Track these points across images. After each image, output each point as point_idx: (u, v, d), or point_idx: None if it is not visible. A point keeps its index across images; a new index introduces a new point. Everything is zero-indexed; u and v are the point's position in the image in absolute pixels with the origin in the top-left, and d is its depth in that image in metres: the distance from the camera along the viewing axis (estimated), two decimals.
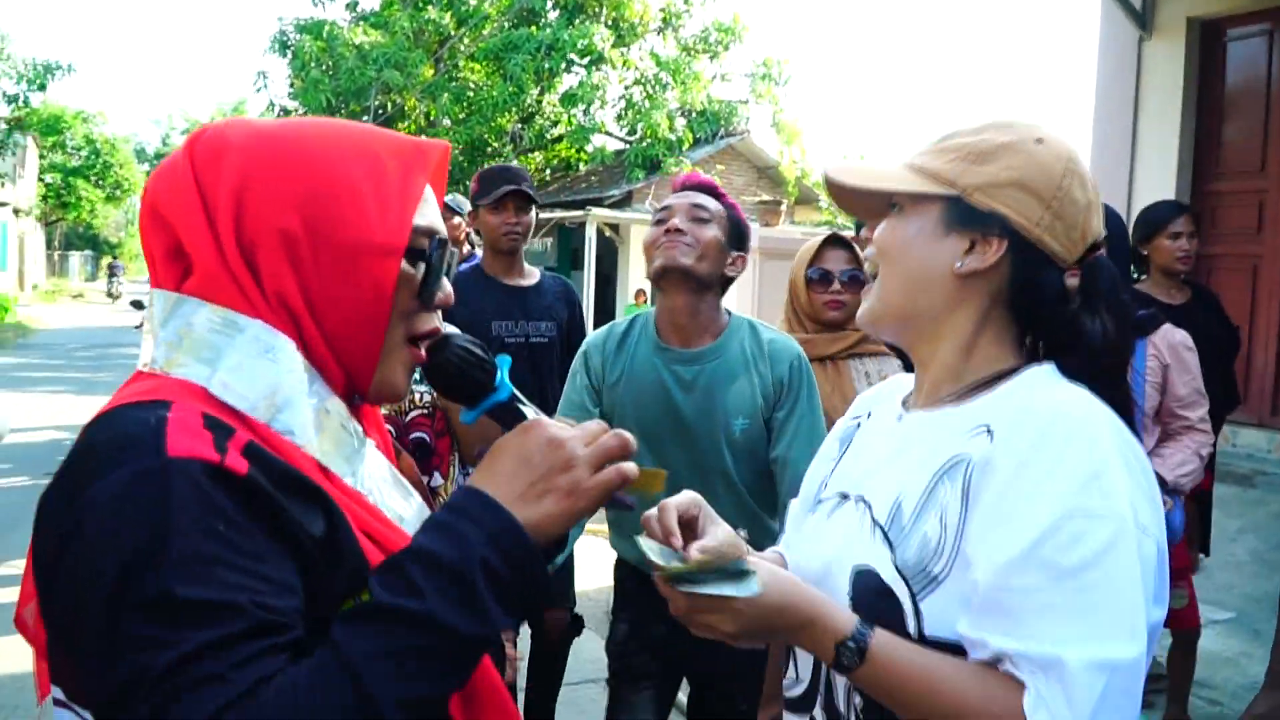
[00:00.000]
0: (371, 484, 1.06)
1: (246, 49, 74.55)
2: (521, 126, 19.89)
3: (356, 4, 21.39)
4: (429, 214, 1.06)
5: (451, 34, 19.15)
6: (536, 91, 18.70)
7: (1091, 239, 1.19)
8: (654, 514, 1.16)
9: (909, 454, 1.19)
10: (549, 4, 19.55)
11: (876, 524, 1.17)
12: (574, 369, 2.49)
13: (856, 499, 1.23)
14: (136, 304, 11.48)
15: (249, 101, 46.66)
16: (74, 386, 13.88)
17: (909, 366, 3.19)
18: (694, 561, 1.08)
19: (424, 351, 1.07)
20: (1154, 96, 6.30)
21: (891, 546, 1.13)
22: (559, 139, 20.61)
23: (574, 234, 19.21)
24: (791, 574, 1.15)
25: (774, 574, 1.09)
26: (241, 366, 0.95)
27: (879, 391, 1.43)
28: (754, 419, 2.33)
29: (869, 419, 1.37)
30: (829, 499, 1.30)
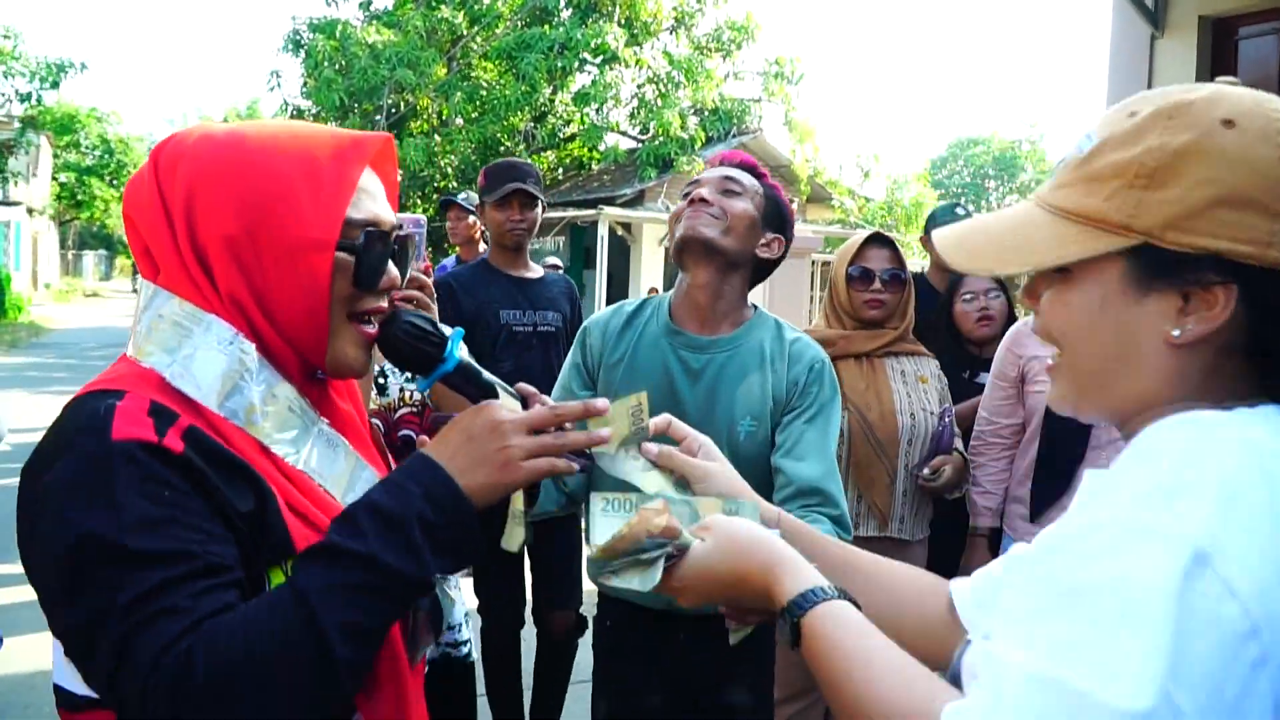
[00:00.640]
0: (318, 463, 1.16)
1: (260, 48, 74.89)
2: (534, 125, 19.92)
3: (370, 3, 21.47)
4: (367, 205, 1.16)
5: (464, 33, 19.19)
6: (549, 90, 18.74)
7: None
8: (654, 449, 1.24)
9: None
10: (562, 3, 19.57)
11: None
12: (572, 349, 2.32)
13: None
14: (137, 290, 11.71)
15: (262, 100, 46.88)
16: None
17: (945, 366, 3.25)
18: (599, 549, 1.09)
19: (375, 328, 1.19)
20: None
21: None
22: (571, 138, 20.64)
23: (586, 233, 19.24)
24: (763, 534, 1.10)
25: (729, 538, 1.08)
26: (196, 357, 1.07)
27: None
28: (762, 421, 2.09)
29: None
30: None
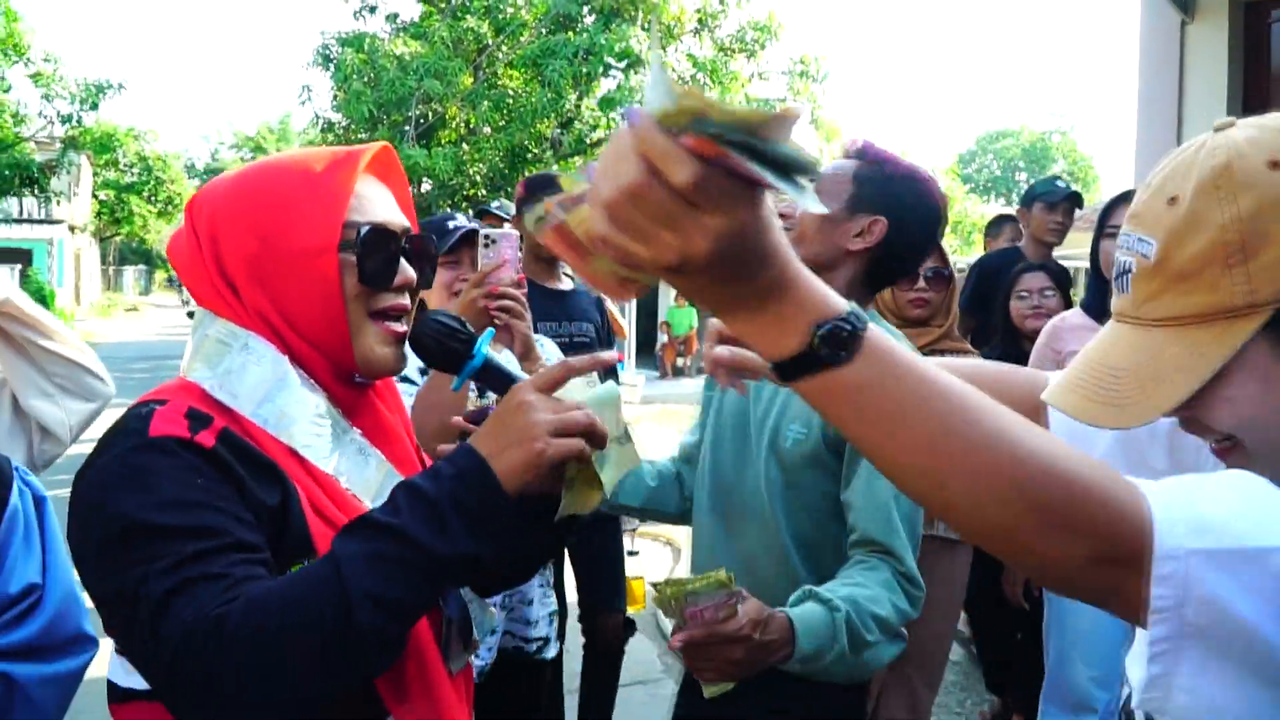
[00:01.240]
0: (347, 470, 1.21)
1: (291, 63, 75.70)
2: (561, 132, 19.97)
3: (396, 16, 21.62)
4: (368, 209, 1.23)
5: (490, 42, 19.29)
6: (575, 96, 18.78)
7: None
8: None
9: None
10: (585, 9, 19.62)
11: None
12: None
13: None
14: (190, 314, 12.06)
15: (294, 115, 47.38)
16: (132, 397, 14.11)
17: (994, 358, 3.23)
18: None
19: (404, 326, 1.25)
20: (1198, 81, 6.20)
21: None
22: (599, 143, 20.66)
23: None
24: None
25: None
26: (233, 370, 1.17)
27: None
28: (810, 431, 1.87)
29: None
30: None
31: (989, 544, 0.78)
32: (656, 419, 11.12)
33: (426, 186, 19.26)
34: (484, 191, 19.39)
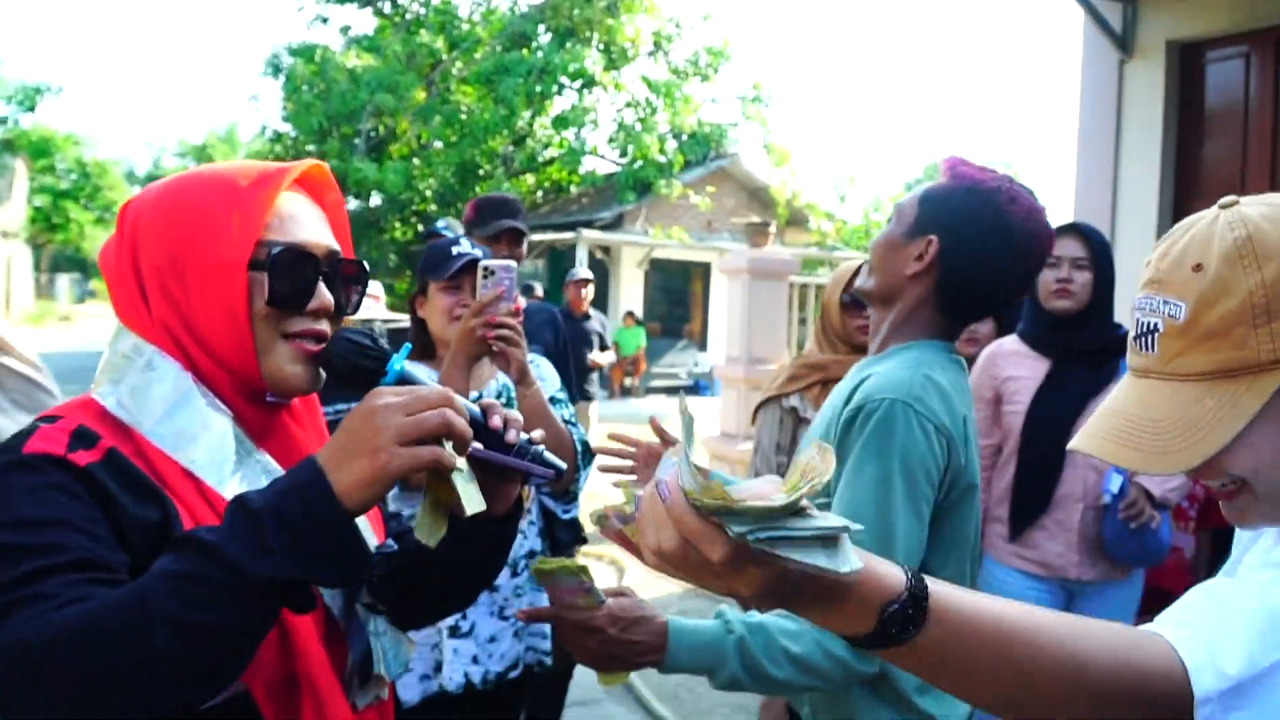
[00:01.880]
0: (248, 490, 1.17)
1: (240, 71, 74.76)
2: (513, 149, 19.99)
3: (349, 28, 21.52)
4: (290, 229, 1.19)
5: (443, 57, 19.28)
6: (528, 114, 18.84)
7: None
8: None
9: None
10: (540, 28, 19.69)
11: None
12: None
13: None
14: None
15: (241, 124, 46.81)
16: None
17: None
18: (780, 500, 0.75)
19: (316, 347, 1.20)
20: (1135, 117, 6.39)
21: None
22: (550, 161, 20.72)
23: (565, 256, 19.27)
24: None
25: None
26: (136, 387, 1.14)
27: None
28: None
29: None
30: None
31: None
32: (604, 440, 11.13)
33: (376, 201, 19.15)
34: (434, 207, 19.31)
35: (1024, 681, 0.87)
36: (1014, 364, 3.07)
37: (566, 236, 18.10)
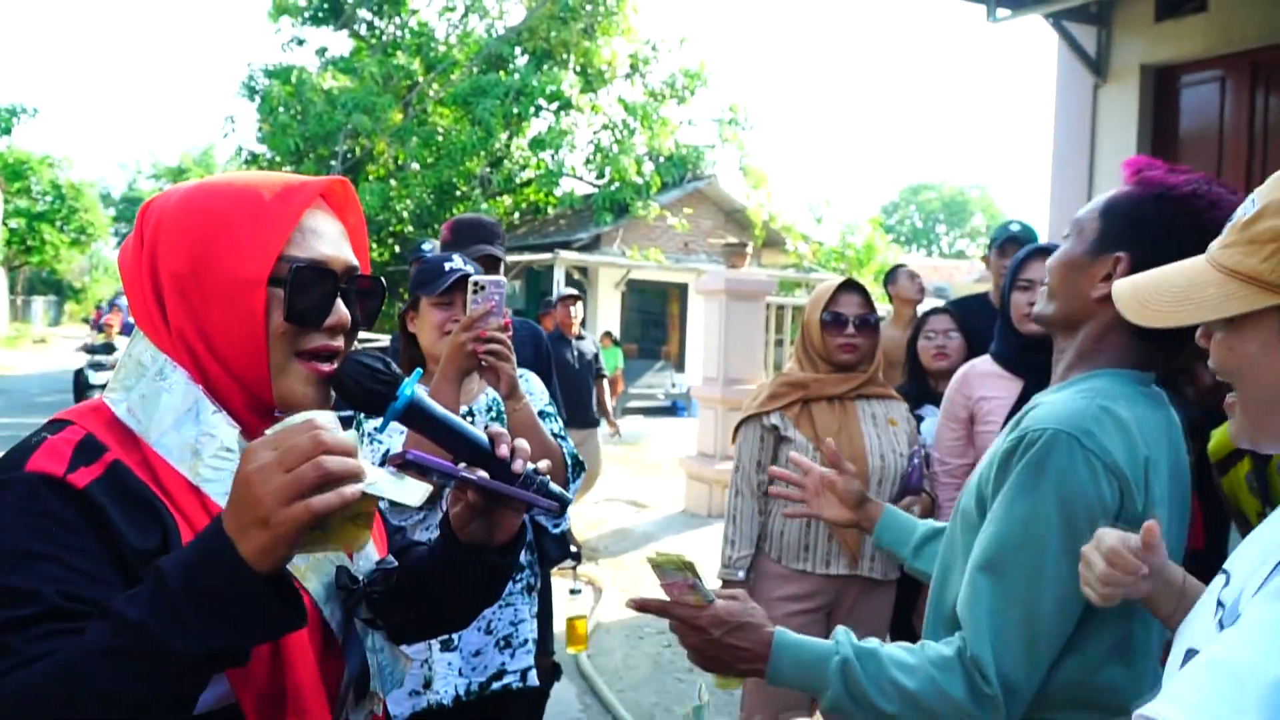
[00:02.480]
0: None
1: (216, 93, 74.61)
2: (490, 170, 19.99)
3: (325, 49, 21.53)
4: (311, 244, 1.18)
5: (420, 79, 19.29)
6: (505, 136, 18.86)
7: None
8: None
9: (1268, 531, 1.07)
10: (517, 50, 19.74)
11: (1220, 603, 1.03)
12: None
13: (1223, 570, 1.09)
14: (87, 348, 11.90)
15: (217, 146, 46.64)
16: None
17: (914, 407, 3.32)
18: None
19: (331, 366, 1.19)
20: (1110, 141, 6.45)
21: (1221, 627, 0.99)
22: (527, 183, 20.73)
23: (542, 277, 19.26)
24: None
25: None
26: (145, 395, 1.14)
27: None
28: (969, 498, 1.63)
29: None
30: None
31: None
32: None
33: (361, 220, 19.11)
34: (411, 228, 19.27)
35: None
36: (987, 384, 3.09)
37: (544, 258, 18.09)
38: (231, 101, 24.37)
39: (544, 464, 1.25)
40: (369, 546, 1.01)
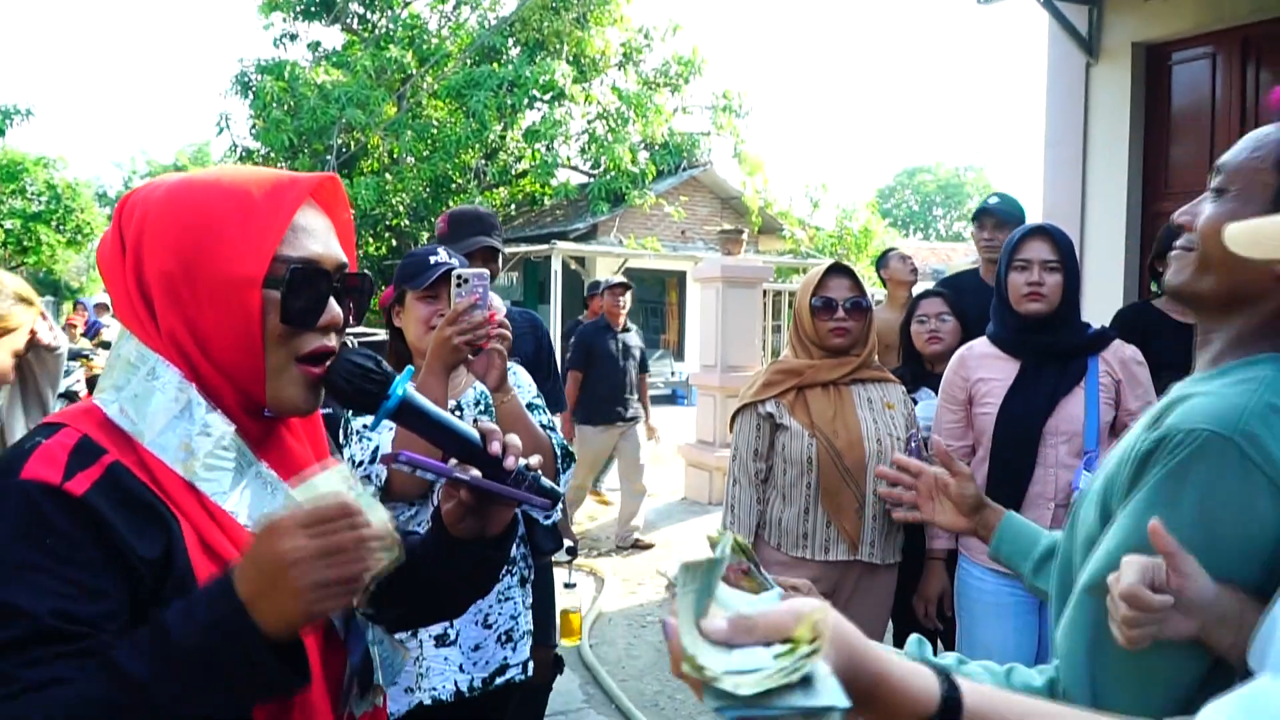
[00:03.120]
0: (250, 505, 1.16)
1: (208, 90, 74.34)
2: (485, 162, 19.95)
3: (319, 44, 21.44)
4: (304, 243, 1.17)
5: (413, 72, 19.22)
6: (499, 127, 18.80)
7: None
8: None
9: None
10: (510, 41, 19.68)
11: None
12: None
13: None
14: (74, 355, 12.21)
15: (212, 143, 46.51)
16: None
17: (910, 390, 3.32)
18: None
19: (322, 368, 1.18)
20: (1102, 120, 6.44)
21: None
22: (523, 174, 20.68)
23: (539, 267, 19.25)
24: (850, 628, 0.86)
25: (847, 647, 0.83)
26: (137, 395, 1.12)
27: None
28: (1089, 506, 1.39)
29: None
30: None
31: None
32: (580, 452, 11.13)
33: (350, 217, 19.06)
34: (407, 221, 19.25)
35: None
36: (984, 366, 3.09)
37: (541, 249, 18.07)
38: (225, 98, 24.27)
39: (535, 459, 1.25)
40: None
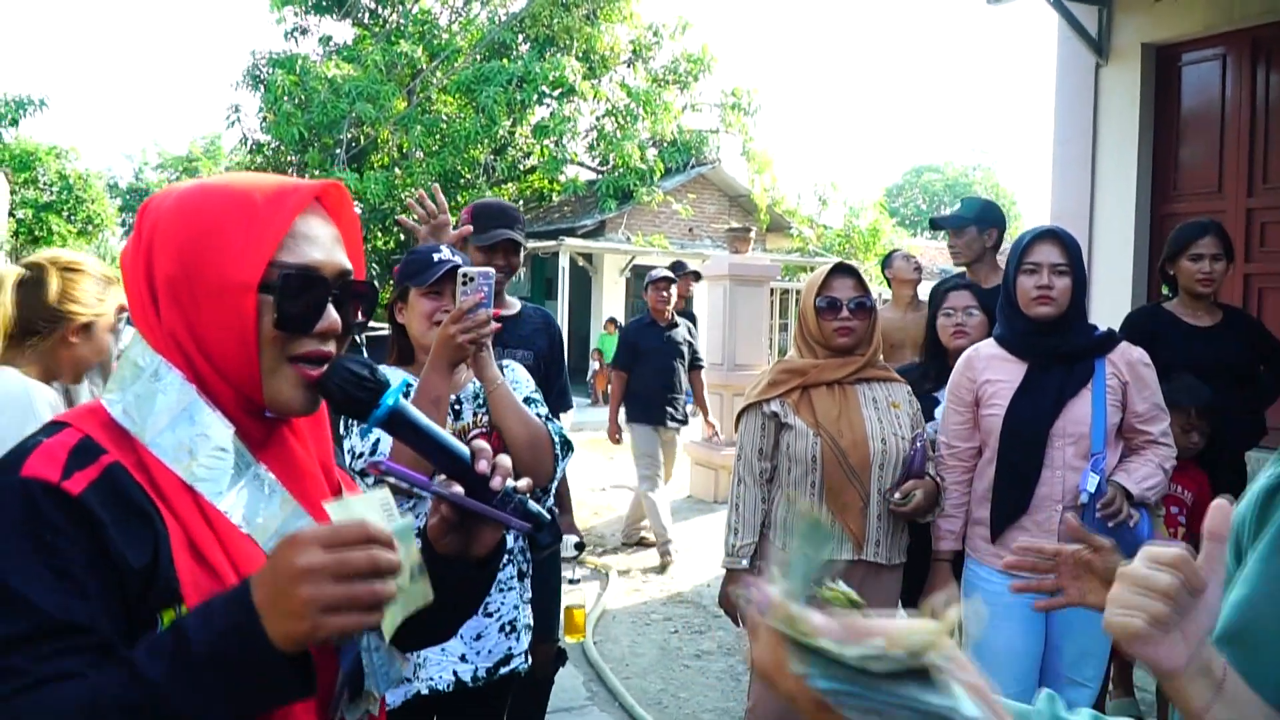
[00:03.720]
0: (247, 507, 1.16)
1: (220, 82, 74.41)
2: (494, 158, 19.97)
3: (329, 38, 21.49)
4: (303, 250, 1.18)
5: (423, 67, 19.25)
6: (509, 123, 18.81)
7: None
8: None
9: None
10: (520, 37, 19.69)
11: None
12: None
13: None
14: None
15: (224, 136, 46.59)
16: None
17: (917, 390, 3.32)
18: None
19: (319, 370, 1.19)
20: (1112, 121, 6.43)
21: None
22: (531, 170, 20.70)
23: (547, 264, 19.28)
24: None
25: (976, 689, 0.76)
26: (140, 396, 1.14)
27: None
28: (1234, 536, 1.22)
29: None
30: None
31: None
32: (586, 446, 11.14)
33: (357, 210, 19.09)
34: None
35: None
36: (992, 367, 3.09)
37: (549, 245, 18.09)
38: (236, 91, 24.30)
39: (524, 483, 1.24)
40: None
